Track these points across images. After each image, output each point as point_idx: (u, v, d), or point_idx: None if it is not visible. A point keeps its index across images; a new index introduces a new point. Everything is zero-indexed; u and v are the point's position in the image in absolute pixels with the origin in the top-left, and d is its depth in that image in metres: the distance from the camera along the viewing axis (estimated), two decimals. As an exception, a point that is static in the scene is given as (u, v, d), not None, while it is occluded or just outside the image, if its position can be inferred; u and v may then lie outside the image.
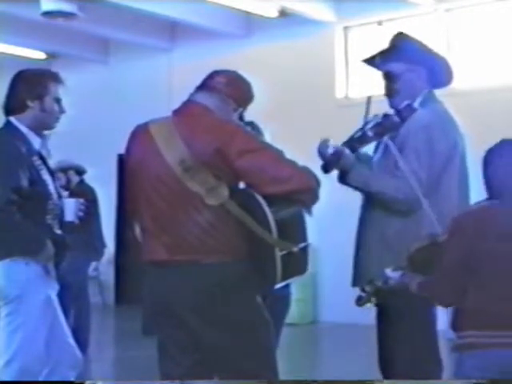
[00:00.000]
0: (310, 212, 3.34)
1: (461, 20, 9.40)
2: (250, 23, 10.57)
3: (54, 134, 4.28)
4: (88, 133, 11.19)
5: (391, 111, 3.73)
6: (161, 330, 3.40)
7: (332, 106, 9.92)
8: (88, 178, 7.97)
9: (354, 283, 3.81)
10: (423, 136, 3.61)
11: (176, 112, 3.39)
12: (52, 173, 4.10)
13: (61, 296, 4.08)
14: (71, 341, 4.06)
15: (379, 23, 3.61)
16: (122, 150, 3.48)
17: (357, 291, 3.67)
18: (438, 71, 3.83)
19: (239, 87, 3.43)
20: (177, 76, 11.07)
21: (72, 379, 4.01)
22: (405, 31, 3.94)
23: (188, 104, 3.39)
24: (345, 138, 3.78)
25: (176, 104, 3.46)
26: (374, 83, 3.99)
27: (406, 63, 3.78)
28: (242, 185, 3.30)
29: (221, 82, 3.39)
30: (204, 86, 3.41)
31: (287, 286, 4.07)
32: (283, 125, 8.38)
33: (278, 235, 3.13)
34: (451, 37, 9.39)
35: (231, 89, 3.39)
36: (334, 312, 9.47)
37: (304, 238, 3.27)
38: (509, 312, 2.99)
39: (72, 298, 7.59)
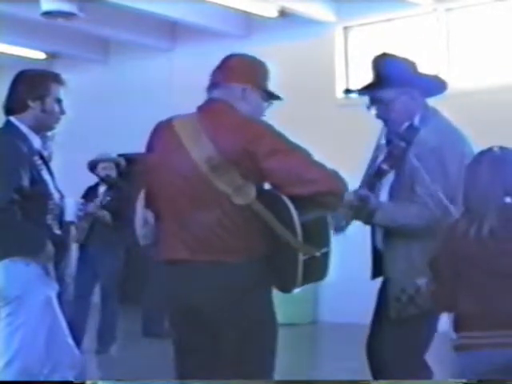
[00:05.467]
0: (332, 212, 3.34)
1: (461, 20, 9.40)
2: (250, 23, 10.57)
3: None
4: (88, 133, 11.19)
5: (392, 136, 3.73)
6: (178, 329, 3.34)
7: (332, 106, 9.92)
8: (89, 178, 7.99)
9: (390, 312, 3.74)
10: (434, 159, 3.59)
11: (200, 109, 3.33)
12: (52, 173, 4.11)
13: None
14: (70, 341, 4.07)
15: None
16: (122, 150, 3.46)
17: (356, 291, 3.68)
18: (428, 86, 3.81)
19: (249, 70, 3.37)
20: (177, 76, 11.08)
21: (71, 379, 4.02)
22: (386, 52, 3.89)
23: (210, 101, 3.34)
24: (345, 138, 3.78)
25: (177, 104, 3.45)
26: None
27: (395, 87, 3.72)
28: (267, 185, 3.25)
29: (231, 72, 3.34)
30: (218, 81, 3.35)
31: None
32: (283, 125, 8.36)
33: (303, 238, 3.08)
34: (451, 37, 9.39)
35: (243, 75, 3.33)
36: (334, 312, 9.48)
37: (327, 243, 3.22)
38: (495, 312, 3.07)
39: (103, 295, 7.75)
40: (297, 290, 3.22)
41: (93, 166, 7.87)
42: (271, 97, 3.44)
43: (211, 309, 3.17)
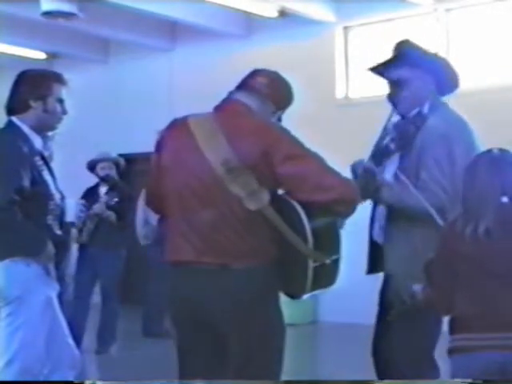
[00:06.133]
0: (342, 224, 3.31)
1: (461, 20, 9.40)
2: (250, 23, 10.56)
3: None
4: (88, 133, 11.19)
5: (398, 118, 3.74)
6: (181, 330, 3.32)
7: (332, 106, 9.92)
8: (89, 178, 7.99)
9: (385, 304, 3.74)
10: (442, 146, 3.59)
11: (217, 109, 3.30)
12: (53, 173, 4.11)
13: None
14: (70, 341, 4.07)
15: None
16: (122, 150, 3.45)
17: (356, 291, 3.67)
18: (443, 78, 3.82)
19: (279, 89, 3.38)
20: (177, 76, 11.07)
21: (71, 379, 4.02)
22: (409, 38, 3.92)
23: (229, 101, 3.30)
24: (345, 138, 3.78)
25: (176, 104, 3.44)
26: (373, 83, 3.98)
27: (413, 70, 3.75)
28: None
29: (262, 83, 3.32)
30: (244, 85, 3.33)
31: None
32: (283, 125, 8.36)
33: (313, 245, 3.06)
34: (451, 37, 9.38)
35: (271, 90, 3.33)
36: (334, 312, 9.47)
37: (337, 250, 3.20)
38: (493, 314, 3.08)
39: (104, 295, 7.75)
40: (305, 297, 3.20)
41: (92, 166, 7.87)
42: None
43: (215, 312, 3.15)
